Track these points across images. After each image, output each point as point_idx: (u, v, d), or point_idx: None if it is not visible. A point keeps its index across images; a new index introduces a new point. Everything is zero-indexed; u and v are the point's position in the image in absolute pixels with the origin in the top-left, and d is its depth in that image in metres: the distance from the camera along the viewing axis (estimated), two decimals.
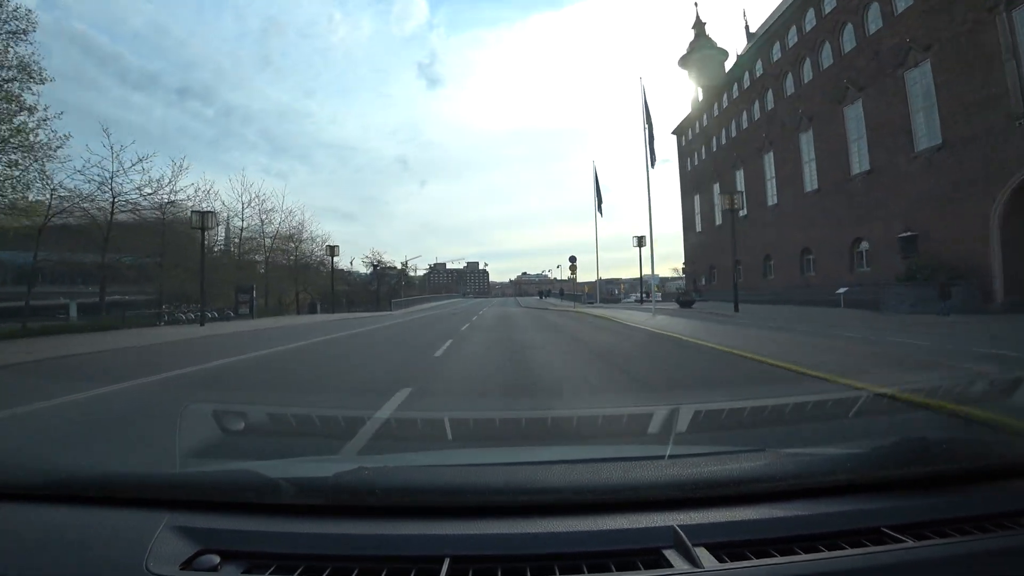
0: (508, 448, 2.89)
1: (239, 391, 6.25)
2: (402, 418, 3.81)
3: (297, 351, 10.82)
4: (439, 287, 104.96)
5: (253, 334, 15.87)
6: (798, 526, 1.09)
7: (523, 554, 1.02)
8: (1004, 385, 4.32)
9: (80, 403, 5.31)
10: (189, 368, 8.09)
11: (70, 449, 3.72)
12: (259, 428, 2.80)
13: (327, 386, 6.48)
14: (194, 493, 1.24)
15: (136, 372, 7.41)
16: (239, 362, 8.96)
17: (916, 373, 6.14)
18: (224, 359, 9.21)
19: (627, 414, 3.55)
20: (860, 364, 6.76)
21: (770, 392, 4.98)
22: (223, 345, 12.14)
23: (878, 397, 4.20)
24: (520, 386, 6.03)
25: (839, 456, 1.43)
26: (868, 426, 3.56)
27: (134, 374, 7.22)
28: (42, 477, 1.34)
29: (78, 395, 5.61)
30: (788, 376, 6.13)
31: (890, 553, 1.01)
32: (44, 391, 5.59)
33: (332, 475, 1.25)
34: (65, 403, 5.25)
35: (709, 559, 0.98)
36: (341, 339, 13.38)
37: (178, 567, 1.00)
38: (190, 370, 7.90)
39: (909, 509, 1.14)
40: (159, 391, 6.00)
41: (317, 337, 13.78)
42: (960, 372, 6.06)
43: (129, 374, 7.28)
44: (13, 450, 3.67)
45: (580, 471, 1.27)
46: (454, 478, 1.33)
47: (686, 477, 1.23)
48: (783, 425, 3.28)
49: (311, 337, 13.79)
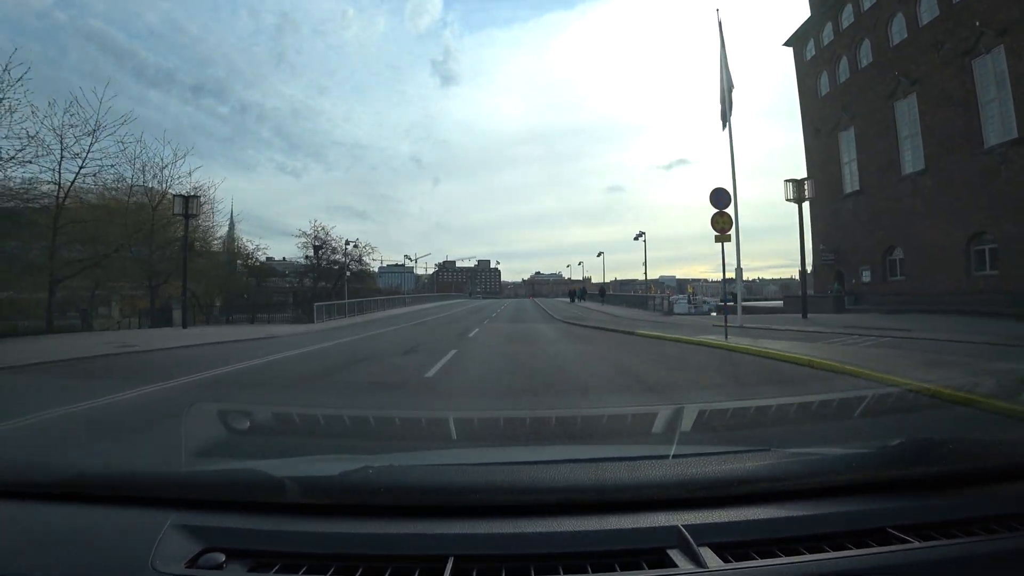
0: (512, 448, 2.89)
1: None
2: (407, 417, 3.82)
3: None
4: (447, 286, 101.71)
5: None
6: (803, 526, 1.08)
7: (527, 554, 1.02)
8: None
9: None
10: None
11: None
12: (264, 428, 2.80)
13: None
14: (200, 492, 1.25)
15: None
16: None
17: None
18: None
19: (631, 414, 3.54)
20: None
21: None
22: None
23: (883, 398, 4.16)
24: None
25: (844, 456, 1.42)
26: (873, 426, 3.54)
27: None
28: (49, 476, 1.35)
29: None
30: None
31: (895, 554, 1.01)
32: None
33: (337, 474, 1.25)
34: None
35: (714, 559, 0.98)
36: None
37: (183, 565, 1.01)
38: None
39: (914, 510, 1.14)
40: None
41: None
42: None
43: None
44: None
45: (584, 471, 1.27)
46: (458, 478, 1.33)
47: (690, 477, 1.23)
48: (788, 425, 3.27)
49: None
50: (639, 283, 72.14)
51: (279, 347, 11.48)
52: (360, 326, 19.06)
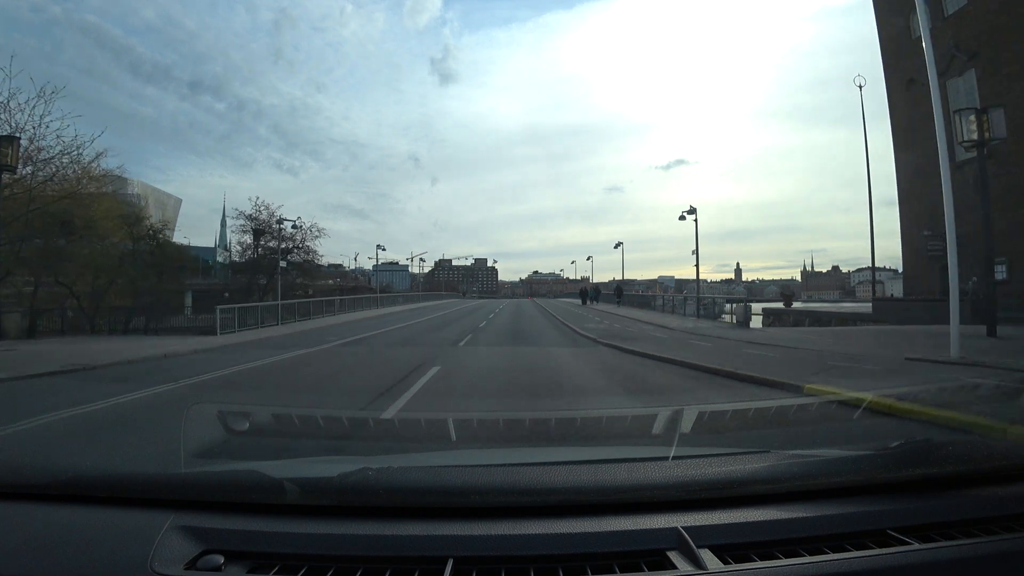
0: (511, 449, 2.88)
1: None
2: (406, 418, 3.81)
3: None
4: (441, 285, 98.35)
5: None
6: (803, 528, 1.08)
7: (526, 555, 1.02)
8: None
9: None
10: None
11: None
12: (263, 429, 2.80)
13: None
14: (199, 493, 1.24)
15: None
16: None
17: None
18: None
19: (631, 415, 3.53)
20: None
21: None
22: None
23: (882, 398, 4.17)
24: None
25: (844, 458, 1.42)
26: (872, 428, 3.54)
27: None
28: (48, 476, 1.35)
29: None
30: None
31: (895, 555, 1.00)
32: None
33: (336, 475, 1.25)
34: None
35: (713, 561, 0.98)
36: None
37: (182, 567, 1.00)
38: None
39: (914, 511, 1.14)
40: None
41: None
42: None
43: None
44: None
45: (583, 472, 1.27)
46: (457, 479, 1.32)
47: (690, 478, 1.22)
48: (787, 426, 3.27)
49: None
50: (638, 283, 72.98)
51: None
52: (270, 344, 12.73)
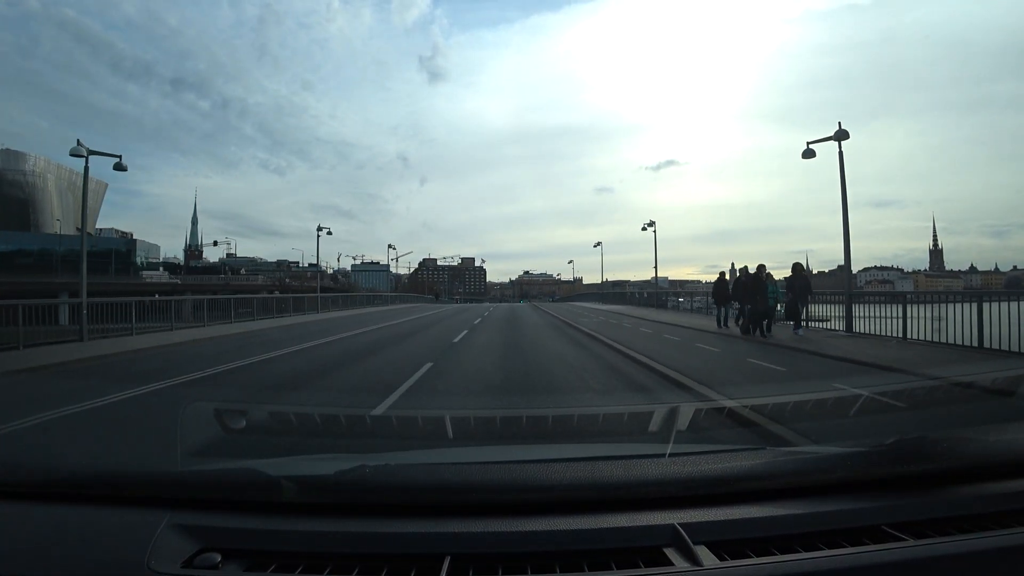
0: (508, 446, 2.88)
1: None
2: (403, 416, 3.82)
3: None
4: (421, 285, 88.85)
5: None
6: (799, 524, 1.09)
7: (523, 552, 1.02)
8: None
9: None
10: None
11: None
12: (260, 427, 2.79)
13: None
14: (196, 491, 1.24)
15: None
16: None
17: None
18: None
19: (628, 412, 3.53)
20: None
21: None
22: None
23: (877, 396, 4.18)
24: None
25: (839, 454, 1.42)
26: (868, 425, 3.56)
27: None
28: (44, 475, 1.35)
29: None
30: None
31: (891, 551, 1.01)
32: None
33: (333, 473, 1.25)
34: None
35: (710, 557, 0.98)
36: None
37: (180, 565, 1.00)
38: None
39: (909, 507, 1.14)
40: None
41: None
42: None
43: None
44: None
45: (580, 469, 1.27)
46: (454, 477, 1.33)
47: (686, 475, 1.23)
48: (784, 423, 3.28)
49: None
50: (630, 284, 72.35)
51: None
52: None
